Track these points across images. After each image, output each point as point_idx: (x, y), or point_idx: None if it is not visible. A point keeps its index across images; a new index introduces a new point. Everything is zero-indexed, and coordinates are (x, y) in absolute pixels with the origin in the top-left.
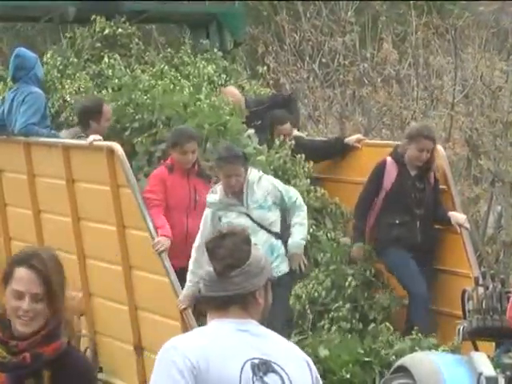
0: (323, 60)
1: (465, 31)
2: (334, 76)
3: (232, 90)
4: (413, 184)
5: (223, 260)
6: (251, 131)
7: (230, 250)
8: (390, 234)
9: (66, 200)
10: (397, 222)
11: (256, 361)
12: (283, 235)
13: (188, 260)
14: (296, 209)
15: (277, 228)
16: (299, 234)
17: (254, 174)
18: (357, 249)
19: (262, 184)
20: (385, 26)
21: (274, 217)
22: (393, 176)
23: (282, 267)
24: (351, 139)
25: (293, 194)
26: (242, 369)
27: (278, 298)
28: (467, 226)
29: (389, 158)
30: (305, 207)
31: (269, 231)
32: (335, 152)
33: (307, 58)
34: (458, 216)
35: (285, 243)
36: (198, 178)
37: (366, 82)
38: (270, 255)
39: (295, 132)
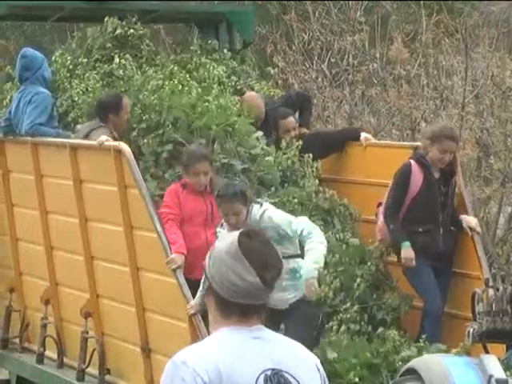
0: (332, 60)
1: (475, 30)
2: (343, 76)
3: (253, 97)
4: (438, 187)
5: (272, 270)
6: (260, 133)
7: (274, 259)
8: (413, 244)
9: (74, 201)
10: (420, 230)
11: (269, 372)
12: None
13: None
14: (305, 238)
15: (294, 249)
16: (311, 258)
17: (255, 210)
18: (407, 249)
19: (264, 219)
20: (394, 25)
21: (285, 248)
22: (419, 179)
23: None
24: (362, 138)
25: (295, 226)
26: (256, 382)
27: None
28: (478, 229)
29: (412, 161)
30: (315, 230)
31: (287, 257)
32: (346, 140)
33: (316, 58)
34: (469, 219)
35: None
36: (212, 194)
37: (376, 81)
38: (295, 279)
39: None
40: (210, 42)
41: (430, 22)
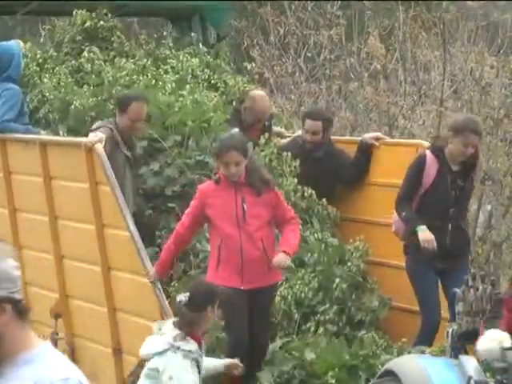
0: (308, 54)
1: (453, 24)
2: (319, 71)
3: (267, 104)
4: (454, 181)
5: None
6: (236, 129)
7: None
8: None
9: (43, 198)
10: (428, 224)
11: None
12: None
13: (242, 280)
14: None
15: None
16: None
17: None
18: (424, 232)
19: None
20: (371, 19)
21: None
22: (433, 172)
23: None
24: (367, 137)
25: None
26: None
27: None
28: None
29: (428, 152)
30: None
31: None
32: (361, 158)
33: (292, 53)
34: None
35: None
36: (247, 188)
37: (353, 76)
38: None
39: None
40: (190, 35)
41: (407, 16)
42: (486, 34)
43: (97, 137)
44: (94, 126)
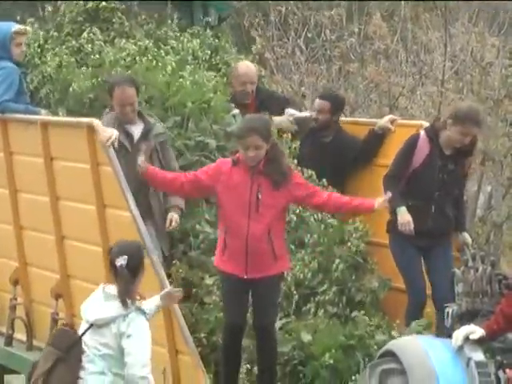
0: (309, 35)
1: (454, 5)
2: (320, 51)
3: (251, 72)
4: (444, 165)
5: None
6: (236, 111)
7: None
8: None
9: (44, 178)
10: (409, 204)
11: None
12: None
13: (247, 271)
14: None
15: None
16: None
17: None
18: (403, 214)
19: None
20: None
21: None
22: (424, 154)
23: None
24: (382, 123)
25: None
26: None
27: None
28: (470, 248)
29: (422, 133)
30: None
31: None
32: (373, 146)
33: (292, 33)
34: (466, 236)
35: None
36: (265, 177)
37: (353, 57)
38: None
39: None
40: (205, 18)
41: None
42: (486, 14)
43: (107, 134)
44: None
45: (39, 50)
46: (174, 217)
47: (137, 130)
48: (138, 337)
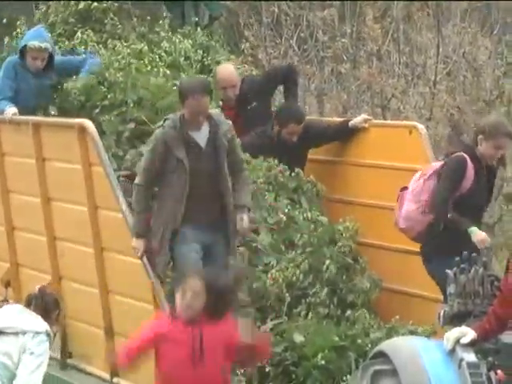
0: (301, 35)
1: (446, 5)
2: (312, 52)
3: (231, 75)
4: (485, 183)
5: None
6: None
7: None
8: (448, 238)
9: (36, 179)
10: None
11: None
12: None
13: None
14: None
15: None
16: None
17: None
18: (478, 232)
19: None
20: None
21: None
22: (471, 175)
23: None
24: (357, 121)
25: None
26: None
27: None
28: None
29: (466, 155)
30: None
31: None
32: (340, 136)
33: (285, 34)
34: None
35: None
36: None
37: (345, 58)
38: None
39: None
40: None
41: None
42: (478, 15)
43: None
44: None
45: None
46: (244, 218)
47: (203, 135)
48: (40, 357)
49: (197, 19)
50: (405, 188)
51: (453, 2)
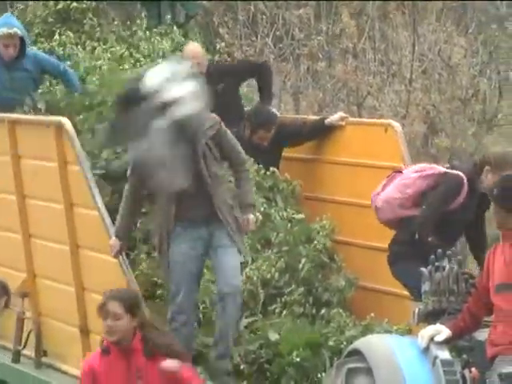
0: (277, 33)
1: (422, 4)
2: (288, 50)
3: (195, 49)
4: (472, 210)
5: None
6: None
7: None
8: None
9: (11, 177)
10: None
11: None
12: None
13: None
14: None
15: None
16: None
17: None
18: None
19: None
20: None
21: None
22: (461, 199)
23: None
24: (334, 119)
25: None
26: None
27: None
28: None
29: (465, 179)
30: None
31: None
32: (316, 135)
33: (261, 32)
34: None
35: None
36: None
37: (321, 56)
38: None
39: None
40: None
41: None
42: (454, 14)
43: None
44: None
45: None
46: (249, 219)
47: None
48: None
49: (173, 18)
50: (399, 172)
51: (428, 2)
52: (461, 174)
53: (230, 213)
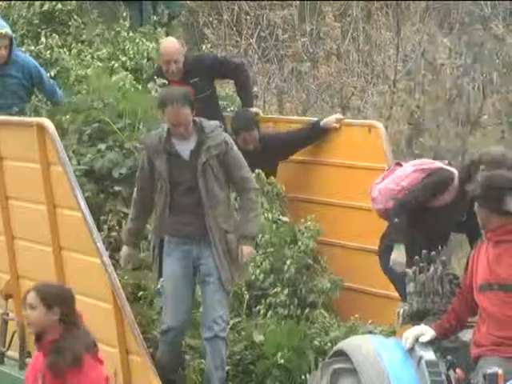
0: (262, 34)
1: (405, 4)
2: (272, 51)
3: (169, 47)
4: (459, 210)
5: None
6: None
7: None
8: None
9: None
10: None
11: None
12: None
13: None
14: None
15: None
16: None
17: None
18: (399, 252)
19: None
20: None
21: None
22: (447, 198)
23: None
24: (329, 121)
25: None
26: None
27: None
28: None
29: (456, 177)
30: None
31: None
32: (313, 139)
33: (245, 32)
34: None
35: None
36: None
37: (305, 57)
38: None
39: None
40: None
41: None
42: (437, 15)
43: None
44: None
45: None
46: (243, 251)
47: (188, 147)
48: None
49: (156, 18)
50: (399, 164)
51: (411, 2)
52: (455, 171)
53: (220, 236)
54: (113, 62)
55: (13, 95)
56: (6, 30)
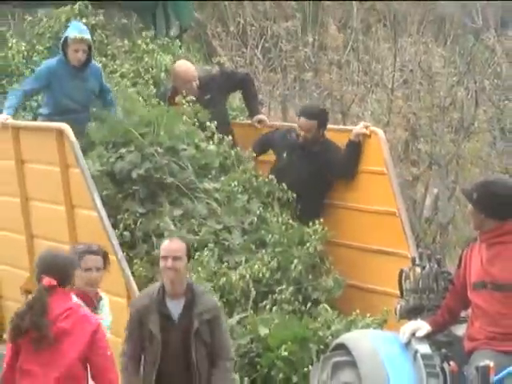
0: (266, 44)
1: (402, 16)
2: (276, 61)
3: (189, 65)
4: None
5: None
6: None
7: None
8: None
9: (15, 181)
10: None
11: None
12: None
13: None
14: None
15: None
16: None
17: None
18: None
19: None
20: (326, 10)
21: None
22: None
23: None
24: (358, 130)
25: None
26: None
27: None
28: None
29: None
30: None
31: None
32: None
33: (250, 44)
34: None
35: None
36: None
37: (308, 66)
38: None
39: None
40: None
41: (362, 7)
42: (433, 26)
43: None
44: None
45: (24, 61)
46: None
47: (178, 307)
48: None
49: (171, 31)
50: None
51: (408, 15)
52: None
53: None
54: (136, 79)
55: (82, 100)
56: (86, 35)
